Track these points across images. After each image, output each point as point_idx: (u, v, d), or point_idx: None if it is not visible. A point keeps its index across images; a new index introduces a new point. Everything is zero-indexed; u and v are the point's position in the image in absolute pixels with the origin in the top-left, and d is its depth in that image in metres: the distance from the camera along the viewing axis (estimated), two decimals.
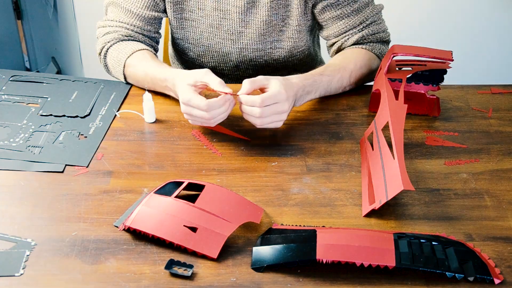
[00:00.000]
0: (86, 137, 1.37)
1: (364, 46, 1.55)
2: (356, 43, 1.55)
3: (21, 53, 2.64)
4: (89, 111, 1.44)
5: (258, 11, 1.53)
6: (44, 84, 1.54)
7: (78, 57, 2.79)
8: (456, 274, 1.05)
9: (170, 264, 1.07)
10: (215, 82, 1.33)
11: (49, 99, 1.48)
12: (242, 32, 1.57)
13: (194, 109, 1.32)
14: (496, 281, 1.06)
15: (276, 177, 1.28)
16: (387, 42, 1.60)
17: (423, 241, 1.09)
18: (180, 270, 1.06)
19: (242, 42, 1.58)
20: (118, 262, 1.08)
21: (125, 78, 1.54)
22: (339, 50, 1.59)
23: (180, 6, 1.56)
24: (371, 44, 1.56)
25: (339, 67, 1.50)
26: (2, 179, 1.26)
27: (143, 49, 1.53)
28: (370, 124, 1.37)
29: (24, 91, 1.51)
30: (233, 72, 1.66)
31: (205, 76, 1.34)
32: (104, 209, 1.19)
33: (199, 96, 1.32)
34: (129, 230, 1.14)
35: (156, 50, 1.62)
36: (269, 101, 1.31)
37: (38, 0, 2.62)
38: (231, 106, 1.34)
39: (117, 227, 1.15)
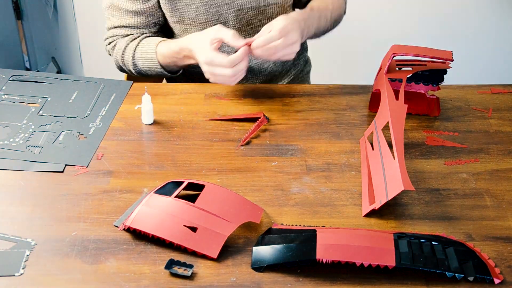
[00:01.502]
0: (86, 137, 1.37)
1: None
2: None
3: (21, 53, 2.64)
4: (89, 112, 1.44)
5: None
6: (44, 84, 1.53)
7: (78, 57, 2.79)
8: (456, 274, 1.05)
9: (170, 264, 1.07)
10: (228, 35, 1.38)
11: (49, 99, 1.48)
12: None
13: (216, 68, 1.36)
14: (496, 281, 1.06)
15: (276, 177, 1.28)
16: None
17: (423, 241, 1.09)
18: (180, 270, 1.06)
19: (237, 4, 1.56)
20: (118, 262, 1.08)
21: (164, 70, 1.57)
22: None
23: None
24: None
25: (323, 6, 1.57)
26: (2, 179, 1.26)
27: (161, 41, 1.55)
28: (370, 124, 1.37)
29: (24, 91, 1.51)
30: None
31: (218, 32, 1.39)
32: (104, 209, 1.19)
33: (220, 54, 1.36)
34: (129, 230, 1.14)
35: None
36: (283, 33, 1.37)
37: (38, 0, 2.62)
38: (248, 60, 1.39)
39: (117, 227, 1.15)
